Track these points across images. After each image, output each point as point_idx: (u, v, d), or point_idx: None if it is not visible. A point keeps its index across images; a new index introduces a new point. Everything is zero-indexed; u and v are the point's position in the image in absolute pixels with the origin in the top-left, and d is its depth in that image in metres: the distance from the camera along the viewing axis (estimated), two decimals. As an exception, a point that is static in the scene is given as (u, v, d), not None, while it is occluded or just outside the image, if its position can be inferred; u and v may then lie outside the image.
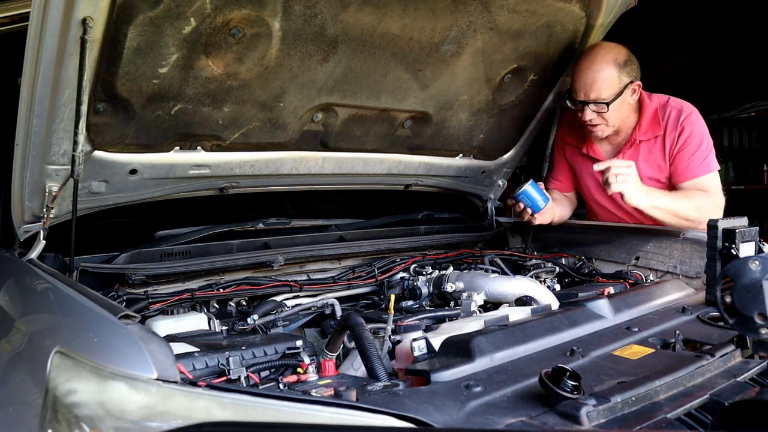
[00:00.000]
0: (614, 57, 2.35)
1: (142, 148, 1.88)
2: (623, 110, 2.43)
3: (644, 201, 2.29)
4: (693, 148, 2.41)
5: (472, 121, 2.48)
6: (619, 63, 2.35)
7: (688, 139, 2.41)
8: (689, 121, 2.42)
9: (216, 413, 1.00)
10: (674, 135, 2.43)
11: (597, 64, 2.34)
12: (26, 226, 1.84)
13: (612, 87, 2.35)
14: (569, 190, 2.80)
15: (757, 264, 1.25)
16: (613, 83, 2.35)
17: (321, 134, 2.20)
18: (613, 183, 2.23)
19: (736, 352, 1.47)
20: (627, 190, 2.24)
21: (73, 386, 1.07)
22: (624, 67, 2.35)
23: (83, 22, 1.44)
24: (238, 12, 1.66)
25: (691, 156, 2.41)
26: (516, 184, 2.63)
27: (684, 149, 2.41)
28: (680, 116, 2.43)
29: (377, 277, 2.33)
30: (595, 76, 2.34)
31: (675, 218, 2.34)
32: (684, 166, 2.43)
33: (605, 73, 2.34)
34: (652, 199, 2.31)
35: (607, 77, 2.34)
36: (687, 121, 2.42)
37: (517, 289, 2.02)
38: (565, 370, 1.14)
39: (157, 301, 1.88)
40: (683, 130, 2.41)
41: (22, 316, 1.52)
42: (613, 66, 2.34)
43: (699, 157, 2.41)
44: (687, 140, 2.41)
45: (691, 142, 2.41)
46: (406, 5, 1.88)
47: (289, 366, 1.48)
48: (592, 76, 2.35)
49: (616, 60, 2.34)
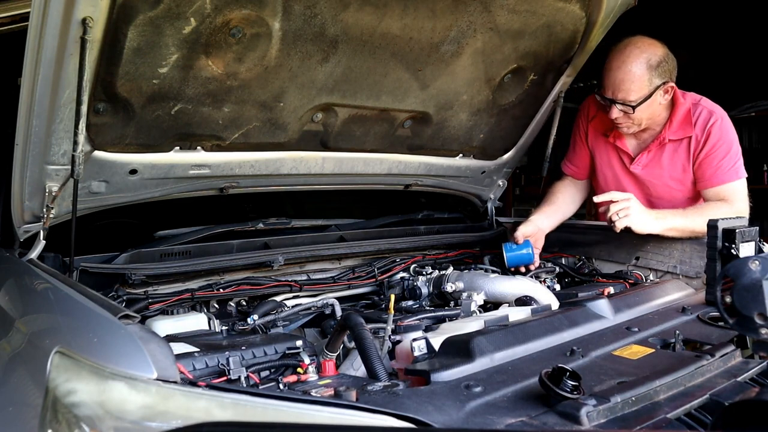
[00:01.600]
0: (647, 58, 2.24)
1: (142, 148, 1.88)
2: (653, 110, 2.33)
3: (655, 226, 2.24)
4: (721, 154, 2.32)
5: (472, 121, 2.47)
6: (652, 64, 2.24)
7: (717, 144, 2.32)
8: (718, 126, 2.32)
9: (216, 413, 1.00)
10: (701, 138, 2.34)
11: (628, 64, 2.24)
12: (26, 226, 1.84)
13: (641, 89, 2.25)
14: (583, 177, 2.71)
15: (757, 264, 1.25)
16: (643, 86, 2.25)
17: (321, 134, 2.20)
18: (617, 221, 2.21)
19: (736, 352, 1.47)
20: (633, 223, 2.21)
21: (73, 386, 1.07)
22: (656, 68, 2.25)
23: (83, 22, 1.44)
24: (238, 12, 1.66)
25: (719, 162, 2.32)
26: (516, 184, 2.63)
27: (711, 154, 2.32)
28: (709, 120, 2.33)
29: (377, 277, 2.33)
30: (624, 77, 2.25)
31: (693, 234, 2.27)
32: (711, 171, 2.34)
33: (635, 75, 2.23)
34: (663, 222, 2.25)
35: (637, 79, 2.24)
36: (716, 126, 2.32)
37: (517, 289, 2.02)
38: (565, 370, 1.14)
39: (157, 301, 1.88)
40: (710, 134, 2.32)
41: (22, 316, 1.52)
42: (645, 67, 2.24)
43: (727, 164, 2.33)
44: (715, 145, 2.32)
45: (719, 147, 2.32)
46: (406, 5, 1.88)
47: (289, 366, 1.48)
48: (621, 77, 2.25)
49: (648, 61, 2.24)
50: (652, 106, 2.30)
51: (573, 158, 2.72)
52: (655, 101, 2.29)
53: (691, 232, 2.27)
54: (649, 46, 2.27)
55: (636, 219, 2.21)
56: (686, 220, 2.27)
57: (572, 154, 2.72)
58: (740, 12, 5.23)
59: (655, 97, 2.28)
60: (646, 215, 2.24)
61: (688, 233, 2.28)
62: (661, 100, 2.31)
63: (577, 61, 2.47)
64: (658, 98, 2.30)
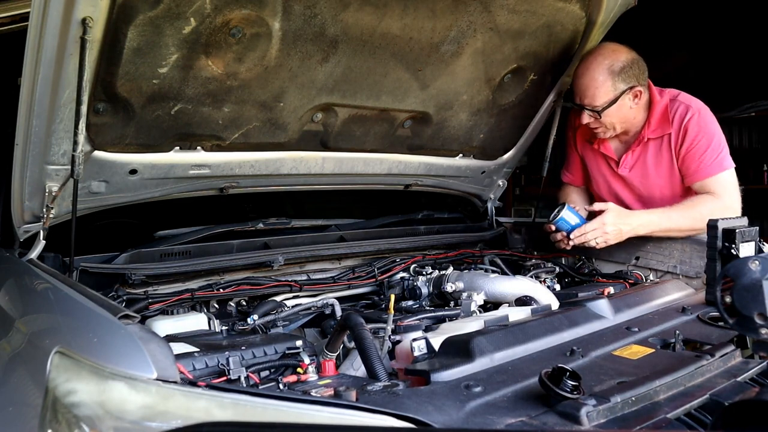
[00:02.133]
0: (609, 64, 2.29)
1: (142, 148, 1.88)
2: (623, 114, 2.37)
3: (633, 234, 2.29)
4: (702, 148, 2.34)
5: (472, 121, 2.48)
6: (614, 70, 2.29)
7: (696, 138, 2.34)
8: (695, 121, 2.35)
9: (216, 413, 1.00)
10: (679, 134, 2.37)
11: (590, 71, 2.31)
12: (26, 226, 1.84)
13: (605, 95, 2.31)
14: (581, 183, 2.76)
15: (757, 264, 1.25)
16: (606, 91, 2.30)
17: (321, 134, 2.20)
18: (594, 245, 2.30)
19: (736, 352, 1.47)
20: (609, 242, 2.29)
21: (72, 386, 1.07)
22: (620, 74, 2.29)
23: (83, 22, 1.44)
24: (238, 12, 1.66)
25: (701, 156, 2.34)
26: (516, 184, 2.64)
27: (693, 149, 2.35)
28: (685, 115, 2.36)
29: (377, 277, 2.33)
30: (589, 83, 2.32)
31: (679, 232, 2.30)
32: (695, 166, 2.36)
33: (597, 81, 2.30)
34: (644, 228, 2.29)
35: (600, 85, 2.30)
36: (692, 120, 2.35)
37: (517, 289, 2.02)
38: (565, 370, 1.14)
39: (157, 301, 1.88)
40: (688, 129, 2.35)
41: (22, 316, 1.52)
42: (607, 74, 2.29)
43: (710, 157, 2.34)
44: (694, 140, 2.34)
45: (699, 141, 2.34)
46: (406, 5, 1.88)
47: (289, 366, 1.48)
48: (585, 83, 2.33)
49: (610, 67, 2.29)
50: (622, 110, 2.36)
51: (568, 166, 2.78)
52: (623, 105, 2.35)
53: (677, 231, 2.30)
54: (612, 52, 2.32)
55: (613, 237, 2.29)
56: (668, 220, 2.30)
57: (567, 163, 2.79)
58: (740, 12, 5.22)
59: (623, 101, 2.33)
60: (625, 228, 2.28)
61: (675, 233, 2.31)
62: (630, 104, 2.36)
63: (578, 61, 2.47)
64: (627, 102, 2.35)
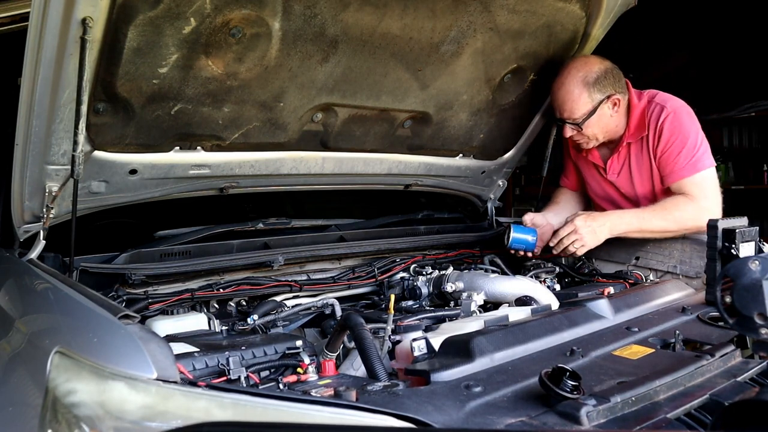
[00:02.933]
0: (583, 76, 2.30)
1: (142, 148, 1.88)
2: (604, 123, 2.37)
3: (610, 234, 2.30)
4: (677, 149, 2.32)
5: (472, 121, 2.48)
6: (589, 82, 2.29)
7: (670, 139, 2.33)
8: (669, 121, 2.33)
9: (216, 413, 1.00)
10: (655, 135, 2.36)
11: (565, 85, 2.32)
12: (26, 226, 1.84)
13: (583, 107, 2.32)
14: (576, 188, 2.78)
15: (757, 264, 1.25)
16: (584, 103, 2.31)
17: (321, 134, 2.20)
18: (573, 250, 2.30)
19: (736, 352, 1.47)
20: (588, 244, 2.29)
21: (72, 386, 1.07)
22: (595, 84, 2.30)
23: (83, 22, 1.44)
24: (238, 12, 1.66)
25: (676, 157, 2.32)
26: (516, 184, 2.64)
27: (667, 150, 2.34)
28: (660, 116, 2.35)
29: (377, 277, 2.33)
30: (565, 97, 2.33)
31: (653, 234, 2.32)
32: (670, 167, 2.35)
33: (573, 94, 2.31)
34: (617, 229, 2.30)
35: (576, 98, 2.31)
36: (666, 121, 2.33)
37: (517, 289, 2.02)
38: (565, 370, 1.14)
39: (157, 301, 1.88)
40: (662, 130, 2.33)
41: (22, 316, 1.52)
42: (582, 86, 2.30)
43: (685, 158, 2.31)
44: (669, 141, 2.33)
45: (673, 142, 2.32)
46: (406, 5, 1.88)
47: (289, 366, 1.48)
48: (562, 98, 2.34)
49: (585, 79, 2.29)
50: (602, 119, 2.36)
51: (565, 171, 2.82)
52: (603, 115, 2.35)
53: (651, 232, 2.31)
54: (584, 64, 2.33)
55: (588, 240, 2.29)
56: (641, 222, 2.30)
57: (565, 168, 2.82)
58: (740, 12, 5.23)
59: (602, 110, 2.34)
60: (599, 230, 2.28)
61: (649, 234, 2.32)
62: (610, 112, 2.37)
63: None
64: (606, 111, 2.35)
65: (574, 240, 2.29)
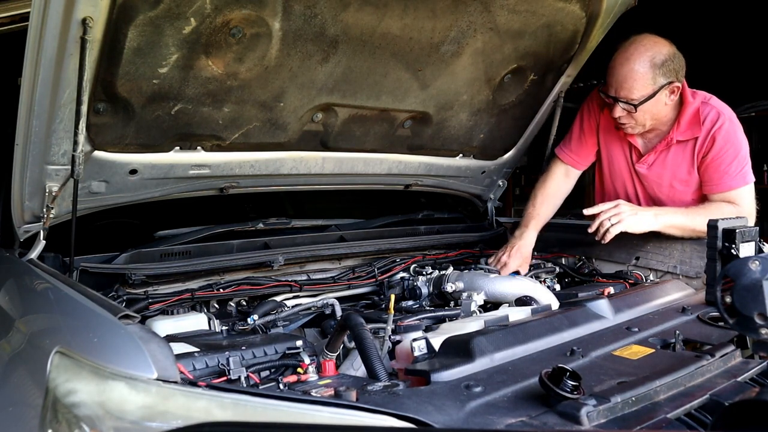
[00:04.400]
0: (651, 56, 2.18)
1: (142, 148, 1.88)
2: (657, 110, 2.26)
3: (653, 223, 2.21)
4: (729, 158, 2.26)
5: (472, 121, 2.48)
6: (656, 63, 2.18)
7: (724, 147, 2.26)
8: (726, 129, 2.26)
9: (216, 413, 1.00)
10: (707, 140, 2.28)
11: (631, 62, 2.19)
12: (26, 226, 1.84)
13: (644, 88, 2.19)
14: (582, 167, 2.63)
15: (757, 264, 1.25)
16: (646, 84, 2.19)
17: (321, 134, 2.20)
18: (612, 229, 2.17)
19: (736, 352, 1.47)
20: (628, 226, 2.18)
21: (73, 386, 1.07)
22: (661, 67, 2.18)
23: (83, 22, 1.44)
24: (238, 12, 1.66)
25: (727, 167, 2.27)
26: (516, 184, 2.62)
27: (718, 158, 2.27)
28: (716, 121, 2.27)
29: (377, 277, 2.33)
30: (627, 74, 2.19)
31: (694, 233, 2.23)
32: (718, 176, 2.28)
33: (638, 72, 2.18)
34: (662, 219, 2.22)
35: (639, 78, 2.18)
36: (723, 128, 2.26)
37: (517, 289, 2.02)
38: (565, 370, 1.14)
39: (157, 301, 1.88)
40: (717, 137, 2.26)
41: (22, 316, 1.52)
42: (648, 66, 2.18)
43: (735, 169, 2.27)
44: (722, 149, 2.26)
45: (726, 151, 2.26)
46: (406, 5, 1.88)
47: (289, 366, 1.48)
48: (624, 74, 2.20)
49: (652, 59, 2.18)
50: (657, 105, 2.25)
51: (576, 147, 2.60)
52: (659, 101, 2.24)
53: (692, 231, 2.23)
54: (654, 44, 2.21)
55: (630, 221, 2.18)
56: (687, 218, 2.23)
57: (575, 143, 2.60)
58: (740, 12, 5.23)
59: (660, 96, 2.22)
60: (642, 214, 2.22)
61: (689, 232, 2.24)
62: (666, 100, 2.25)
63: (578, 61, 2.48)
64: (663, 98, 2.24)
65: (612, 215, 2.19)
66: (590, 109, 2.56)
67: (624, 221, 2.18)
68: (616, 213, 2.19)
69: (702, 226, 2.13)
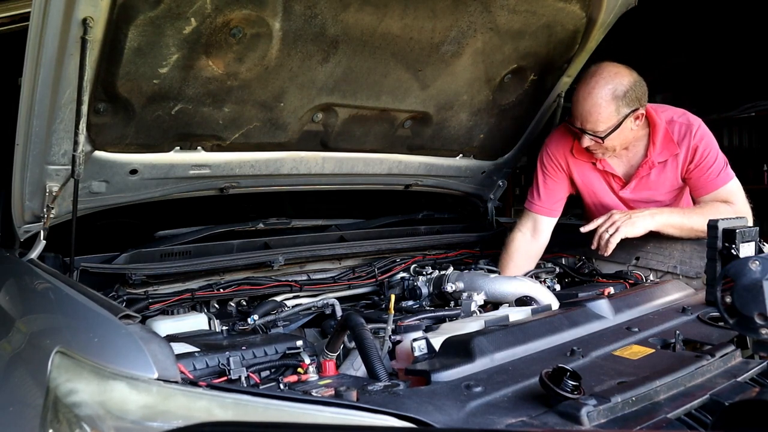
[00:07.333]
0: (613, 89, 2.19)
1: (142, 148, 1.88)
2: (624, 136, 2.29)
3: (650, 223, 2.22)
4: (710, 161, 2.30)
5: (472, 121, 2.48)
6: (618, 95, 2.19)
7: (703, 154, 2.30)
8: (700, 137, 2.30)
9: (217, 413, 1.00)
10: (687, 152, 2.31)
11: (594, 96, 2.20)
12: (26, 226, 1.84)
13: (609, 120, 2.21)
14: (557, 214, 2.57)
15: (757, 264, 1.25)
16: (610, 116, 2.21)
17: (321, 134, 2.20)
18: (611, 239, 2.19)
19: (736, 352, 1.47)
20: (626, 233, 2.20)
21: (73, 386, 1.07)
22: (623, 97, 2.20)
23: (83, 23, 1.44)
24: (238, 12, 1.66)
25: (709, 169, 2.30)
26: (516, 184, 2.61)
27: (701, 164, 2.30)
28: (690, 132, 2.30)
29: (377, 277, 2.33)
30: (591, 109, 2.21)
31: (692, 232, 2.25)
32: (704, 179, 2.32)
33: (601, 106, 2.19)
34: (659, 218, 2.24)
35: (603, 110, 2.20)
36: (697, 136, 2.30)
37: (517, 289, 2.02)
38: (566, 370, 1.14)
39: (157, 301, 1.88)
40: (697, 146, 2.29)
41: (22, 316, 1.52)
42: (610, 99, 2.19)
43: (717, 169, 2.30)
44: (702, 155, 2.30)
45: (707, 156, 2.30)
46: (407, 5, 1.88)
47: (290, 366, 1.48)
48: (587, 109, 2.22)
49: (614, 92, 2.19)
50: (623, 133, 2.27)
51: (545, 195, 2.54)
52: (625, 128, 2.26)
53: (690, 230, 2.25)
54: (614, 75, 2.21)
55: (627, 227, 2.20)
56: (684, 218, 2.25)
57: (543, 191, 2.54)
58: (739, 12, 5.23)
59: (625, 124, 2.24)
60: (637, 216, 2.23)
61: (687, 231, 2.26)
62: (632, 126, 2.27)
63: (578, 61, 2.48)
64: (629, 125, 2.26)
65: (609, 226, 2.21)
66: (550, 151, 2.53)
67: (621, 229, 2.21)
68: (612, 223, 2.22)
69: (699, 225, 2.19)
